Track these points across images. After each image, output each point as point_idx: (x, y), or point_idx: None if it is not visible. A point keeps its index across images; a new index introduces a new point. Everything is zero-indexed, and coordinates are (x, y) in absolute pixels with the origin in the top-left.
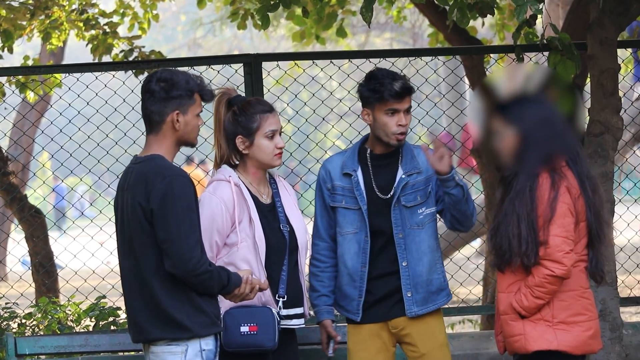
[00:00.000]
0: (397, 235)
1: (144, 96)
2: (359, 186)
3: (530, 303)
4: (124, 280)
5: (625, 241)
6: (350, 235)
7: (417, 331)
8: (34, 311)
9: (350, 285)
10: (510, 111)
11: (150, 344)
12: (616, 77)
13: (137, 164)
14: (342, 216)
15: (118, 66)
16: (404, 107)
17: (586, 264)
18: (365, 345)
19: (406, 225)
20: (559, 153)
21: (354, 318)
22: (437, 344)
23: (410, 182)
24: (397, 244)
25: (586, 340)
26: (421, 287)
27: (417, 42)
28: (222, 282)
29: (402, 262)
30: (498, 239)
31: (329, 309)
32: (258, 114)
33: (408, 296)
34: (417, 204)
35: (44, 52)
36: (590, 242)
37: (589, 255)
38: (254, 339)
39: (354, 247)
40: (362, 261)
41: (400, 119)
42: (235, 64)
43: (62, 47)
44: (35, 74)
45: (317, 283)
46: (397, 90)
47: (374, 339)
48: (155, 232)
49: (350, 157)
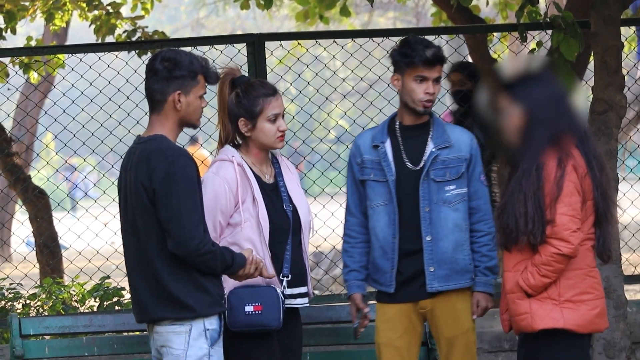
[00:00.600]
0: (423, 209)
1: (148, 75)
2: (387, 157)
3: (537, 282)
4: (127, 260)
5: (629, 219)
6: (380, 207)
7: (443, 314)
8: (38, 292)
9: (383, 257)
10: (516, 89)
11: (154, 324)
12: (620, 55)
13: (140, 144)
14: (371, 189)
15: (121, 46)
16: (433, 76)
17: (593, 243)
18: (392, 324)
19: (433, 200)
20: (566, 131)
21: (387, 290)
22: (462, 330)
23: (440, 156)
24: (423, 217)
25: (592, 319)
26: (445, 264)
27: (421, 21)
28: (226, 262)
29: (427, 236)
30: (505, 217)
31: (358, 283)
32: (261, 97)
33: (430, 271)
34: (446, 180)
35: (47, 33)
36: (597, 221)
37: (596, 234)
38: (259, 318)
39: (384, 219)
40: (392, 233)
41: (428, 87)
42: (238, 43)
43: (65, 27)
44: (39, 54)
45: (348, 258)
46: (427, 57)
47: (402, 319)
48: (158, 212)
49: (380, 130)
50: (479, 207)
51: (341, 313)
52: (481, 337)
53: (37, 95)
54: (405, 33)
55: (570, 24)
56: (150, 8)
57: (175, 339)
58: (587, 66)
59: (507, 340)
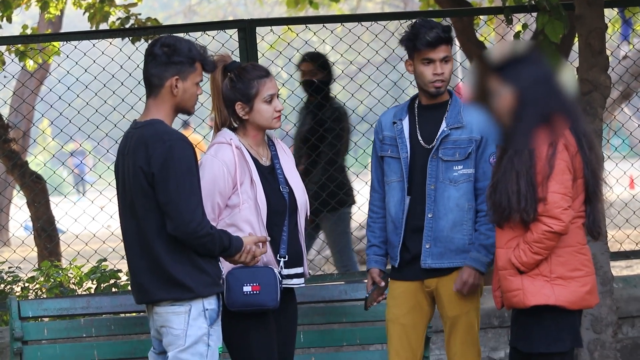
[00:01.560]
0: (429, 186)
1: (147, 59)
2: (402, 134)
3: (529, 259)
4: (126, 243)
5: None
6: (395, 183)
7: (446, 293)
8: (36, 275)
9: (394, 232)
10: (506, 70)
11: (154, 304)
12: (604, 37)
13: (137, 129)
14: (388, 165)
15: (115, 33)
16: (438, 57)
17: (583, 220)
18: (399, 302)
19: (439, 178)
20: (556, 111)
21: (393, 263)
22: (464, 310)
23: (452, 136)
24: (428, 194)
25: (583, 295)
26: (440, 242)
27: (408, 6)
28: (223, 245)
29: (428, 213)
30: (497, 195)
31: (377, 258)
32: (255, 79)
33: (426, 247)
34: (455, 160)
35: (42, 21)
36: (588, 198)
37: (586, 212)
38: (257, 298)
39: (397, 195)
40: (402, 209)
41: (435, 68)
42: (229, 29)
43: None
44: (34, 42)
45: (370, 234)
46: (428, 39)
47: (409, 297)
48: (157, 195)
49: (401, 108)
50: (485, 189)
51: (333, 292)
52: None
53: (33, 82)
54: (393, 17)
55: (555, 6)
56: None
57: (175, 319)
58: (572, 48)
59: (496, 317)
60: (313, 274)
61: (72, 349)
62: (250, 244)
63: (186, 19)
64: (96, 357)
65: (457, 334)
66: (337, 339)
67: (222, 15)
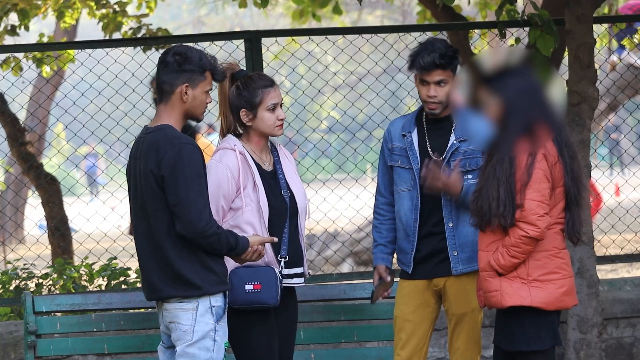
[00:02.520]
0: (444, 197)
1: (159, 67)
2: (413, 147)
3: (507, 262)
4: (138, 242)
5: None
6: (405, 193)
7: (453, 292)
8: (50, 272)
9: (405, 240)
10: (495, 82)
11: (163, 301)
12: (592, 51)
13: (148, 134)
14: (398, 175)
15: (127, 42)
16: (432, 80)
17: (562, 227)
18: (407, 300)
19: None
20: (540, 122)
21: (406, 269)
22: (470, 309)
23: (461, 148)
24: (444, 205)
25: (559, 296)
26: (467, 247)
27: (407, 19)
28: (230, 244)
29: (448, 223)
30: (480, 201)
31: (383, 256)
32: (260, 88)
33: (454, 255)
34: (466, 170)
35: (58, 29)
36: (568, 205)
37: (566, 218)
38: (258, 296)
39: (407, 204)
40: (414, 217)
41: (429, 90)
42: (236, 40)
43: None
44: (50, 50)
45: (377, 234)
46: (422, 63)
47: (417, 296)
48: (167, 196)
49: (409, 119)
50: None
51: (332, 292)
52: None
53: (49, 88)
54: (392, 30)
55: (546, 21)
56: (154, 6)
57: (183, 315)
58: (562, 61)
59: (487, 316)
60: (313, 273)
61: (83, 343)
62: (256, 244)
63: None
64: (106, 350)
65: (461, 330)
66: (336, 336)
67: (229, 26)
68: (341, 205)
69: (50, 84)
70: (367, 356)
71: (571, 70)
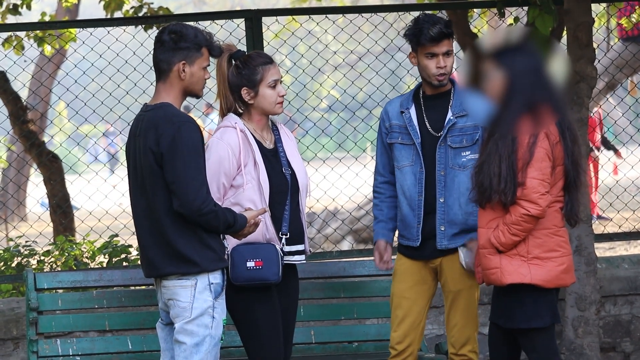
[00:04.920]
0: (439, 173)
1: (156, 46)
2: (412, 122)
3: (507, 239)
4: (136, 220)
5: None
6: (407, 168)
7: (449, 269)
8: (52, 249)
9: (411, 214)
10: (502, 56)
11: (162, 278)
12: (590, 30)
13: (148, 112)
14: (399, 151)
15: (128, 21)
16: (441, 51)
17: (561, 205)
18: (404, 277)
19: (449, 164)
20: (543, 102)
21: (413, 244)
22: (466, 286)
23: (458, 124)
24: (438, 180)
25: (558, 274)
26: (455, 224)
27: None
28: (228, 222)
29: (440, 198)
30: (481, 176)
31: (384, 232)
32: (260, 65)
33: (441, 230)
34: (463, 146)
35: (60, 8)
36: (567, 187)
37: (565, 200)
38: (259, 273)
39: (410, 179)
40: (418, 190)
41: (439, 62)
42: (237, 19)
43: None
44: (52, 29)
45: (377, 212)
46: (432, 35)
47: (414, 273)
48: (165, 174)
49: (406, 98)
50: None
51: (332, 269)
52: None
53: (51, 66)
54: (391, 10)
55: (545, 1)
56: None
57: (182, 292)
58: (561, 40)
59: (486, 294)
60: (313, 251)
61: (84, 319)
62: (252, 219)
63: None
64: (107, 327)
65: (458, 307)
66: (336, 313)
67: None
68: (341, 183)
69: (52, 62)
70: (367, 333)
71: (569, 49)
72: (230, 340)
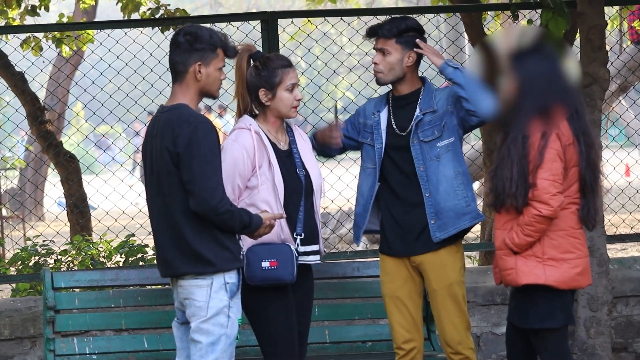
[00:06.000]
0: (419, 169)
1: (171, 47)
2: (379, 126)
3: (521, 240)
4: (153, 219)
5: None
6: (370, 170)
7: (430, 267)
8: (69, 248)
9: (361, 215)
10: (516, 59)
11: (178, 278)
12: (603, 33)
13: (164, 113)
14: (366, 152)
15: (145, 23)
16: (376, 46)
17: (577, 207)
18: (392, 277)
19: (426, 158)
20: (557, 104)
21: (356, 242)
22: (447, 283)
23: (425, 119)
24: (420, 176)
25: (574, 276)
26: (441, 214)
27: (421, 1)
28: (244, 222)
29: (426, 193)
30: (495, 181)
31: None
32: (279, 68)
33: (432, 223)
34: (434, 138)
35: (78, 10)
36: (583, 192)
37: (582, 203)
38: (275, 273)
39: (370, 181)
40: (371, 194)
41: (375, 58)
42: (253, 21)
43: (94, 5)
44: (70, 30)
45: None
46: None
47: (400, 270)
48: (181, 174)
49: (380, 99)
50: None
51: (347, 269)
52: (475, 291)
53: (68, 67)
54: (406, 12)
55: (558, 3)
56: None
57: (198, 291)
58: (574, 43)
59: (499, 294)
60: (328, 251)
61: (101, 318)
62: (268, 220)
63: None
64: (123, 326)
65: (444, 305)
66: (349, 313)
67: (246, 8)
68: (355, 184)
69: (70, 63)
70: (381, 333)
71: (582, 51)
72: (246, 339)
